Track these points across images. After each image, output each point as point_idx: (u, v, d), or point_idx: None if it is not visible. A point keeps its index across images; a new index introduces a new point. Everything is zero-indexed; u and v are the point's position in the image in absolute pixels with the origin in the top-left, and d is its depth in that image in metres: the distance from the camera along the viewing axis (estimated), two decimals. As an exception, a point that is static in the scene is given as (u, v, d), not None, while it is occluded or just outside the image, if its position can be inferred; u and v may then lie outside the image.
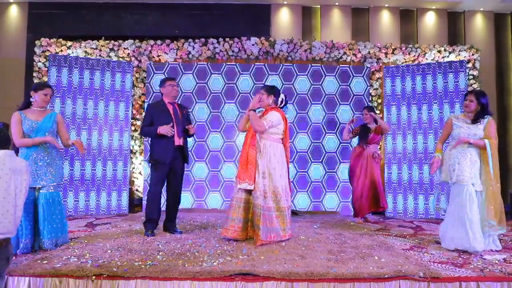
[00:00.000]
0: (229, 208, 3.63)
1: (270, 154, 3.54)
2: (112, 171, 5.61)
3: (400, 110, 5.78)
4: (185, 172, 4.12)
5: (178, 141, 3.85)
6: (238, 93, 5.90)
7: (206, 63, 5.98)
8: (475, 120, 3.55)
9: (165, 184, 3.96)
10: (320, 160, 5.91)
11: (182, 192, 4.08)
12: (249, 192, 3.55)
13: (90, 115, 5.54)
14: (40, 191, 3.24)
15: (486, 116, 3.56)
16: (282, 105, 3.77)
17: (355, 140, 5.39)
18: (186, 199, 5.69)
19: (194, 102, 5.91)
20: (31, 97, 3.33)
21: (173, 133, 3.76)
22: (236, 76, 5.95)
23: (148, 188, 3.95)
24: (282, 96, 3.76)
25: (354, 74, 5.97)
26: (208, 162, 5.90)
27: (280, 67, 5.98)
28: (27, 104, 3.35)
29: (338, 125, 5.91)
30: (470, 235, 3.27)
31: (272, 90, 3.73)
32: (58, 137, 3.46)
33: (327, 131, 5.94)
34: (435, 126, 5.54)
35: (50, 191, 3.27)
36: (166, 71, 5.88)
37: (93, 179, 5.50)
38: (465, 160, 3.47)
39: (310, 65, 5.97)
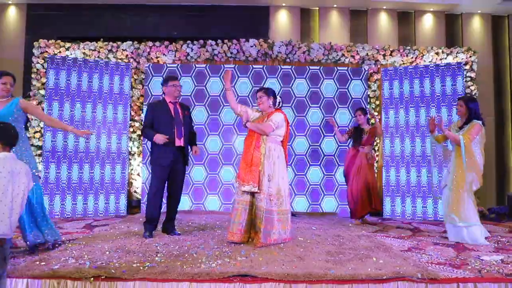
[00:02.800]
0: (233, 211, 3.60)
1: (274, 157, 3.56)
2: (111, 174, 5.59)
3: (398, 113, 5.79)
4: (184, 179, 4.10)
5: (179, 142, 3.84)
6: (237, 96, 5.89)
7: (205, 65, 5.99)
8: (464, 125, 3.85)
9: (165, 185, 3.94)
10: (319, 163, 5.92)
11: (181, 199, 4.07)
12: (252, 194, 3.55)
13: (88, 118, 5.53)
14: None
15: (472, 121, 3.82)
16: (279, 106, 3.79)
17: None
18: (185, 202, 5.66)
19: (193, 105, 5.91)
20: None
21: (167, 141, 3.74)
22: (235, 79, 5.96)
23: (148, 189, 3.94)
24: (278, 98, 3.79)
25: (352, 77, 5.98)
26: (207, 165, 5.90)
27: (279, 70, 6.00)
28: None
29: (336, 128, 5.89)
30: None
31: (271, 92, 3.76)
32: (24, 123, 3.26)
33: (325, 134, 5.95)
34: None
35: (36, 183, 3.11)
36: (165, 74, 5.87)
37: (91, 182, 5.48)
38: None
39: (308, 68, 5.99)
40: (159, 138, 3.72)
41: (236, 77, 5.96)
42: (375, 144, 5.65)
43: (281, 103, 3.80)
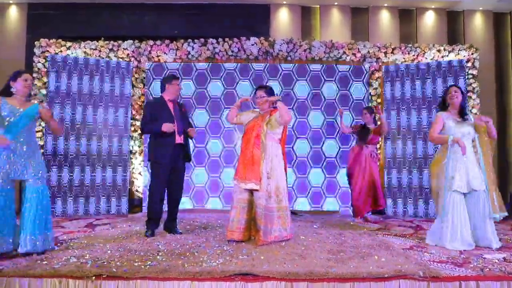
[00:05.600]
0: (232, 209, 3.61)
1: (273, 154, 3.56)
2: (112, 177, 5.59)
3: (400, 114, 5.77)
4: (185, 177, 4.10)
5: (179, 139, 3.84)
6: (237, 99, 5.83)
7: (206, 63, 5.97)
8: (461, 116, 3.59)
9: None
10: (320, 165, 5.90)
11: (182, 197, 4.07)
12: (251, 192, 3.55)
13: (89, 120, 5.54)
14: (27, 184, 3.11)
15: (469, 112, 3.66)
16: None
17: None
18: (186, 205, 5.70)
19: (194, 107, 5.92)
20: (11, 87, 3.15)
21: (175, 129, 3.76)
22: (236, 81, 5.95)
23: (149, 187, 3.93)
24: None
25: (354, 79, 5.96)
26: (208, 168, 5.89)
27: (279, 72, 5.97)
28: (7, 94, 3.16)
29: (338, 130, 5.89)
30: None
31: (271, 91, 3.77)
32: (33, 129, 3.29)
33: (326, 136, 5.92)
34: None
35: (42, 184, 3.13)
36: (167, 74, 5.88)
37: (92, 185, 5.48)
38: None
39: (308, 68, 5.95)
40: (168, 126, 3.72)
41: (237, 79, 5.95)
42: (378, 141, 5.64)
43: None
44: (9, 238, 3.04)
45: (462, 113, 3.59)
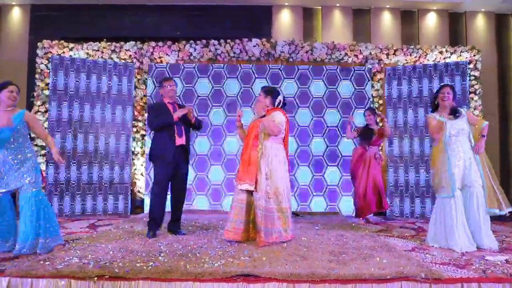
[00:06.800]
0: (231, 209, 3.63)
1: (271, 155, 3.55)
2: (114, 175, 5.62)
3: (402, 113, 5.80)
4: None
5: (180, 141, 3.85)
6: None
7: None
8: (453, 114, 3.59)
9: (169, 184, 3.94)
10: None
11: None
12: (250, 193, 3.55)
13: (91, 119, 5.57)
14: (21, 192, 3.14)
15: (460, 109, 3.63)
16: (280, 106, 3.76)
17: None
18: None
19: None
20: None
21: (186, 111, 3.80)
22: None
23: (152, 188, 3.94)
24: (280, 97, 3.74)
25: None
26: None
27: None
28: None
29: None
30: None
31: (270, 91, 3.73)
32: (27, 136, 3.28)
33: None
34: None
35: (31, 191, 3.12)
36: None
37: (94, 183, 5.51)
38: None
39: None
40: (181, 111, 3.77)
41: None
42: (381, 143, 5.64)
43: (281, 103, 3.74)
44: (4, 243, 3.16)
45: (454, 112, 3.59)
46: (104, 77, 5.66)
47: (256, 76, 6.00)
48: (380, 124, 5.00)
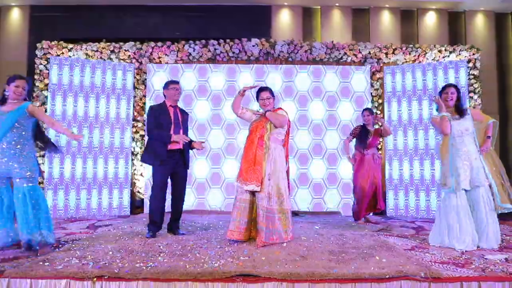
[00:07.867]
0: (234, 209, 3.61)
1: (275, 156, 3.57)
2: (114, 169, 5.66)
3: (401, 107, 5.83)
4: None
5: (177, 145, 3.84)
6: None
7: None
8: (458, 114, 3.58)
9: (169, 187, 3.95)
10: (321, 157, 5.93)
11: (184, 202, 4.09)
12: (253, 193, 3.55)
13: (91, 113, 5.59)
14: (14, 185, 3.14)
15: (465, 108, 3.62)
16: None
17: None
18: (188, 198, 5.73)
19: (195, 100, 5.96)
20: (6, 91, 3.20)
21: (186, 141, 3.80)
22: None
23: (151, 190, 3.92)
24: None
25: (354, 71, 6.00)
26: (209, 159, 5.91)
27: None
28: (3, 100, 3.22)
29: (339, 122, 5.96)
30: None
31: (273, 93, 3.78)
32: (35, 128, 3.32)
33: (327, 128, 5.94)
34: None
35: (24, 185, 3.12)
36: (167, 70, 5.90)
37: (94, 177, 5.54)
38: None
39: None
40: (182, 137, 3.77)
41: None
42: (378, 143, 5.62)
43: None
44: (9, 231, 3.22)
45: (460, 112, 3.58)
46: (103, 77, 5.66)
47: (256, 77, 6.00)
48: (377, 126, 4.98)
